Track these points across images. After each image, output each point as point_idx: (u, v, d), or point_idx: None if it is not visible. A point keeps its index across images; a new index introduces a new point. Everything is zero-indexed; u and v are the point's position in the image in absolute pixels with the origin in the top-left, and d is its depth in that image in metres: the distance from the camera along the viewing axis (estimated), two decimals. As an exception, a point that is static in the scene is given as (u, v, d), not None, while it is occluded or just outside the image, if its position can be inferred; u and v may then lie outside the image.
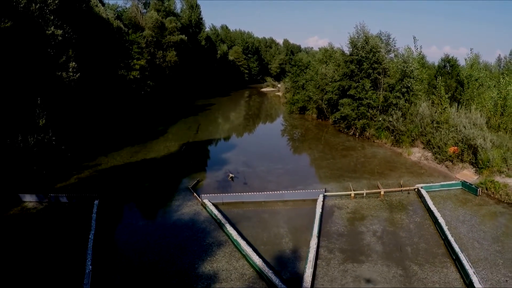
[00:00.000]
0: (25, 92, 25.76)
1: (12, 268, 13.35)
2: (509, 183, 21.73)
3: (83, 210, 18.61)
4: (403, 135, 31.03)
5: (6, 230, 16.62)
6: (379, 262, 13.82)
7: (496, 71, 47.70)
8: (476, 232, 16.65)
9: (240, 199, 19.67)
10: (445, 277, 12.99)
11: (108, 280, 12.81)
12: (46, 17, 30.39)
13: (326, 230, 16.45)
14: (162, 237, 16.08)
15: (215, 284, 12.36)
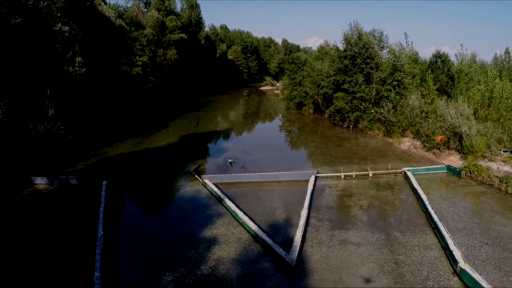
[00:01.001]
0: (35, 84, 27.24)
1: (30, 236, 14.79)
2: (491, 166, 23.19)
3: (92, 190, 20.04)
4: (394, 126, 32.51)
5: (22, 206, 18.05)
6: (364, 229, 15.29)
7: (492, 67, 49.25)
8: (457, 207, 18.10)
9: (238, 179, 21.21)
10: (423, 241, 14.40)
11: (117, 243, 14.27)
12: (53, 14, 31.88)
13: (317, 204, 17.93)
14: (166, 211, 17.61)
15: (215, 245, 13.81)
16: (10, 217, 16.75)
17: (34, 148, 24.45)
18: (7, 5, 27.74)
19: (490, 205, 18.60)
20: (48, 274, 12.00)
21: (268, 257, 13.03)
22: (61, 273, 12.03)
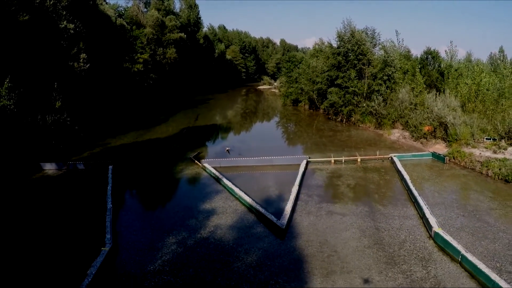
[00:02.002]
0: (43, 77, 28.69)
1: (47, 211, 16.25)
2: (474, 152, 24.68)
3: (99, 174, 21.48)
4: (385, 118, 34.04)
5: (35, 188, 19.51)
6: (349, 203, 16.78)
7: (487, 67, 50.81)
8: (438, 186, 19.57)
9: (235, 163, 22.76)
10: (404, 213, 15.86)
11: (125, 215, 15.74)
12: (59, 12, 33.39)
13: (307, 183, 19.43)
14: (169, 189, 19.11)
15: (213, 215, 15.30)
16: (26, 196, 18.18)
17: (43, 137, 25.86)
18: (15, 3, 29.22)
19: (470, 185, 20.06)
20: (67, 238, 13.46)
21: (261, 224, 14.50)
22: (77, 237, 13.49)
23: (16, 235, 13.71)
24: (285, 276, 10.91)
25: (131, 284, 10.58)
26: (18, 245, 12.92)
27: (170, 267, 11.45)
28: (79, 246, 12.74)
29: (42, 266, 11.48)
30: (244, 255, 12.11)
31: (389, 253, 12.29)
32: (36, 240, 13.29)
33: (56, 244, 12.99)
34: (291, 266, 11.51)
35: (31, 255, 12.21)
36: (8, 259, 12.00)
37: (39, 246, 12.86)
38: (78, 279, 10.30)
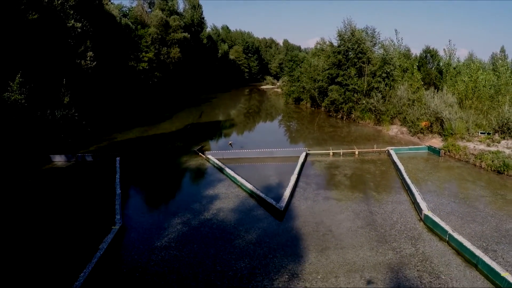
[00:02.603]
0: (52, 73, 29.74)
1: (58, 197, 17.23)
2: (468, 145, 25.45)
3: (107, 165, 22.45)
4: (383, 115, 34.85)
5: (45, 177, 20.50)
6: (345, 190, 17.65)
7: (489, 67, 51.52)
8: (431, 176, 20.39)
9: (237, 155, 23.73)
10: (397, 199, 16.69)
11: (133, 200, 16.69)
12: (66, 11, 34.44)
13: (306, 173, 20.32)
14: (174, 178, 20.06)
15: (216, 200, 16.23)
16: (38, 184, 19.18)
17: (52, 131, 26.87)
18: (24, 2, 30.29)
19: (463, 175, 20.86)
20: (80, 219, 14.42)
21: (261, 208, 15.41)
22: (89, 219, 14.45)
23: (30, 218, 14.64)
24: (282, 251, 11.78)
25: (139, 257, 11.46)
26: (34, 225, 13.86)
27: (176, 243, 12.35)
28: (91, 226, 13.67)
29: (58, 243, 12.41)
30: (244, 233, 13.00)
31: (381, 233, 13.14)
32: (50, 222, 14.22)
33: (70, 224, 13.92)
34: (288, 243, 12.38)
35: (47, 233, 13.15)
36: (28, 236, 12.94)
37: (53, 226, 13.79)
38: (91, 252, 11.19)
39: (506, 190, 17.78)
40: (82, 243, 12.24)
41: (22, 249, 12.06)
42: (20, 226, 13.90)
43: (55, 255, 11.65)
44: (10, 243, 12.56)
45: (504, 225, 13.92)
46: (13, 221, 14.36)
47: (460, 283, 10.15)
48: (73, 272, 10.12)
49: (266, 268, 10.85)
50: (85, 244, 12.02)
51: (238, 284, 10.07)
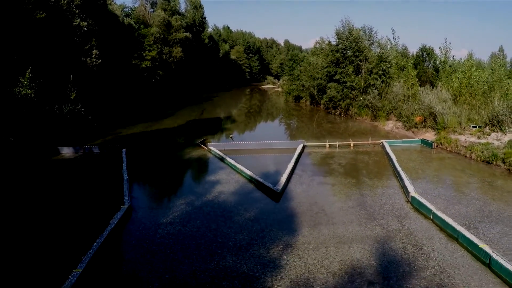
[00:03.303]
0: (59, 70, 30.88)
1: (69, 184, 18.34)
2: (460, 138, 26.48)
3: (114, 156, 23.55)
4: (380, 111, 35.90)
5: (54, 167, 21.63)
6: (339, 176, 18.71)
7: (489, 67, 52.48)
8: (422, 165, 21.41)
9: (238, 147, 24.92)
10: (387, 184, 17.74)
11: (139, 185, 17.79)
12: (72, 11, 35.60)
13: (302, 162, 21.41)
14: (178, 167, 21.20)
15: (218, 184, 17.33)
16: (49, 173, 20.30)
17: (60, 125, 27.99)
18: (32, 2, 31.45)
19: (453, 165, 21.88)
20: (91, 201, 15.53)
21: (259, 191, 16.50)
22: (99, 200, 15.56)
23: (44, 201, 15.75)
24: (278, 226, 12.85)
25: (146, 231, 12.55)
26: (49, 207, 14.97)
27: (180, 220, 13.44)
28: (102, 206, 14.76)
29: (72, 220, 13.52)
30: (243, 212, 14.08)
31: (370, 212, 14.20)
32: (64, 204, 15.32)
33: (82, 205, 15.03)
34: (283, 220, 13.46)
35: (62, 213, 14.26)
36: (45, 214, 14.05)
37: (67, 207, 14.89)
38: (103, 227, 12.29)
39: (494, 178, 18.75)
40: (94, 220, 13.31)
41: (41, 225, 13.15)
42: (36, 207, 14.99)
43: (71, 229, 12.74)
44: (31, 219, 13.66)
45: (487, 207, 14.92)
46: (30, 203, 15.46)
47: (441, 254, 11.15)
48: (87, 243, 11.19)
49: (263, 239, 11.91)
50: (97, 221, 13.08)
51: (237, 252, 11.11)
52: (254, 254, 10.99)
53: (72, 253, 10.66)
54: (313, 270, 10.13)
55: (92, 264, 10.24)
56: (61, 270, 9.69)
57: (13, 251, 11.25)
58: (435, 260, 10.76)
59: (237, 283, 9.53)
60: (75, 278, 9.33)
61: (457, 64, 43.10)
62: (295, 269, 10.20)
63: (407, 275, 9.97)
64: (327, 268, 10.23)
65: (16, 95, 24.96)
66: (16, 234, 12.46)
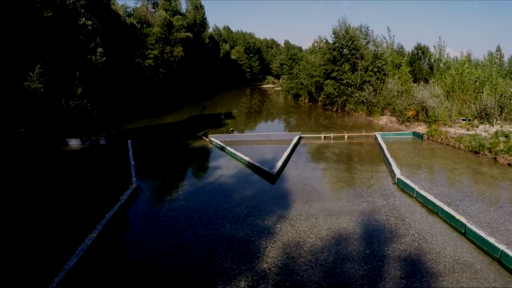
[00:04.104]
0: (66, 67, 32.17)
1: (78, 170, 19.60)
2: (449, 130, 27.70)
3: (120, 147, 24.80)
4: (375, 106, 37.15)
5: (63, 157, 22.90)
6: (332, 162, 19.95)
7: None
8: (411, 154, 22.59)
9: (237, 138, 26.34)
10: (376, 169, 18.91)
11: (144, 170, 19.05)
12: (78, 10, 36.90)
13: (298, 151, 22.65)
14: (181, 155, 22.45)
15: (218, 169, 18.59)
16: (59, 162, 21.57)
17: (67, 118, 29.27)
18: (40, 1, 32.77)
19: (441, 155, 23.06)
20: (101, 183, 16.78)
21: (256, 175, 17.73)
22: (109, 183, 16.81)
23: (59, 184, 17.01)
24: (273, 202, 14.09)
25: (153, 206, 13.81)
26: (64, 189, 16.23)
27: (184, 197, 14.70)
28: (112, 187, 16.02)
29: (85, 198, 14.78)
30: (241, 191, 15.33)
31: (358, 191, 15.43)
32: (76, 186, 16.59)
33: (94, 186, 16.29)
34: (278, 197, 14.70)
35: (76, 193, 15.52)
36: (60, 195, 15.32)
37: (80, 189, 16.16)
38: (114, 202, 13.54)
39: (479, 166, 19.90)
40: (106, 197, 14.55)
41: (58, 202, 14.42)
42: (51, 190, 16.25)
43: (86, 205, 14.00)
44: (48, 198, 14.93)
45: (469, 188, 16.14)
46: (46, 186, 16.72)
47: (421, 224, 12.35)
48: (101, 214, 12.44)
49: (259, 212, 13.16)
50: (108, 198, 14.32)
51: (235, 222, 12.36)
52: (251, 223, 12.23)
53: (88, 222, 11.89)
54: (303, 236, 11.35)
55: (105, 231, 11.49)
56: (78, 235, 10.94)
57: (38, 222, 12.51)
58: (415, 229, 11.97)
59: (235, 245, 10.76)
60: (90, 241, 10.56)
61: (451, 62, 44.43)
62: (287, 235, 11.43)
63: (388, 240, 11.18)
64: (316, 234, 11.46)
65: (26, 89, 26.22)
66: (40, 208, 13.72)
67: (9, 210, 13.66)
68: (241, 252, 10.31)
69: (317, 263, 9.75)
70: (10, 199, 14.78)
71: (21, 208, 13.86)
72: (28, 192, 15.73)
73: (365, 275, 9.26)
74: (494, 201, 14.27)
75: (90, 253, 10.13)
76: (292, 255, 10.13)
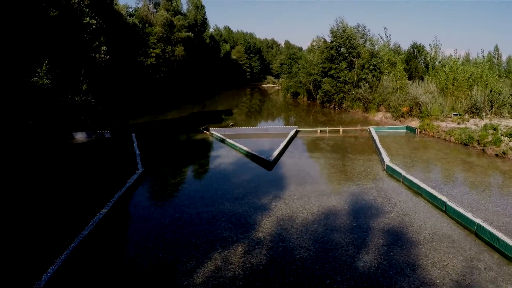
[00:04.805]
0: (72, 64, 33.33)
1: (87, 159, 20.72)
2: (441, 124, 28.77)
3: (125, 140, 25.93)
4: (371, 103, 38.26)
5: (71, 149, 24.03)
6: (326, 152, 21.04)
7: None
8: (403, 146, 23.66)
9: (237, 131, 27.35)
10: (368, 158, 19.94)
11: (149, 157, 20.18)
12: (82, 10, 38.08)
13: (294, 143, 23.75)
14: (183, 146, 23.62)
15: (218, 158, 19.74)
16: (67, 153, 22.71)
17: (73, 113, 30.41)
18: (46, 0, 33.93)
19: (432, 146, 24.10)
20: (109, 170, 17.91)
21: (254, 162, 18.84)
22: (117, 169, 17.94)
23: (71, 171, 18.14)
24: (269, 185, 15.19)
25: (158, 187, 14.93)
26: (74, 175, 17.35)
27: (186, 181, 15.87)
28: (119, 172, 17.14)
29: (95, 182, 15.90)
30: (240, 175, 16.45)
31: (349, 176, 16.53)
32: (86, 172, 17.72)
33: (102, 172, 17.41)
34: (274, 181, 15.80)
35: (86, 178, 16.65)
36: (70, 180, 16.44)
37: (89, 174, 17.29)
38: (123, 184, 14.65)
39: (467, 156, 20.87)
40: (114, 181, 15.67)
41: (70, 186, 15.55)
42: (64, 176, 17.38)
43: (96, 187, 15.13)
44: (61, 183, 16.06)
45: (454, 174, 17.22)
46: (58, 173, 17.86)
47: (406, 203, 13.39)
48: (111, 193, 13.57)
49: (256, 193, 14.25)
50: (116, 181, 15.43)
51: (234, 201, 13.47)
52: (248, 202, 13.34)
53: (99, 201, 13.00)
54: (296, 212, 12.45)
55: (114, 208, 12.60)
56: (90, 211, 12.05)
57: (55, 201, 13.64)
58: (400, 207, 13.04)
59: (234, 219, 11.86)
60: (101, 216, 11.67)
61: (446, 60, 45.53)
62: (281, 211, 12.53)
63: (374, 216, 12.27)
64: (307, 210, 12.56)
65: (34, 85, 27.36)
66: (55, 191, 14.84)
67: (29, 192, 14.78)
68: (238, 224, 11.40)
69: (307, 233, 10.83)
70: (28, 184, 15.90)
71: (40, 190, 14.98)
72: (43, 178, 16.83)
73: (351, 242, 10.34)
74: (477, 186, 15.32)
75: (102, 225, 11.24)
76: (285, 227, 11.22)
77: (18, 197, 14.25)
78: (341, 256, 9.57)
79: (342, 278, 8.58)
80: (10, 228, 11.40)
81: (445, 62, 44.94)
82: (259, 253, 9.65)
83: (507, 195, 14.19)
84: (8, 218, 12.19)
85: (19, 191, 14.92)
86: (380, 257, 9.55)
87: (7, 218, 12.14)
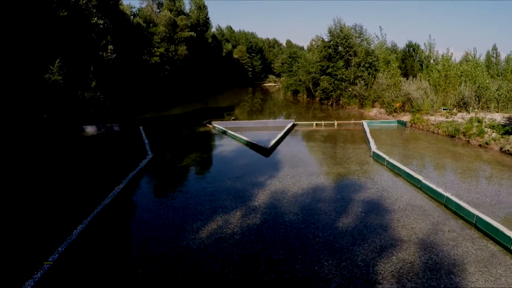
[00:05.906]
0: (81, 62, 35.20)
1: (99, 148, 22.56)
2: (431, 118, 30.47)
3: (133, 132, 27.74)
4: (366, 99, 39.99)
5: (82, 140, 25.88)
6: (319, 142, 22.83)
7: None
8: (392, 138, 25.32)
9: (238, 125, 29.18)
10: (357, 147, 21.63)
11: (157, 146, 21.99)
12: (90, 10, 39.94)
13: (291, 134, 25.53)
14: (188, 137, 25.42)
15: (220, 146, 21.63)
16: (80, 144, 24.56)
17: (83, 108, 32.27)
18: (55, 1, 35.79)
19: (420, 138, 25.74)
20: (122, 156, 19.74)
21: (253, 150, 20.64)
22: (128, 155, 19.77)
23: (86, 159, 19.96)
24: (266, 168, 16.96)
25: (166, 170, 16.74)
26: (92, 161, 19.18)
27: (192, 164, 17.69)
28: (131, 158, 18.95)
29: (110, 166, 17.72)
30: (240, 160, 18.26)
31: (338, 161, 18.27)
32: (100, 159, 19.55)
33: (115, 158, 19.24)
34: (271, 164, 17.59)
35: (102, 164, 18.48)
36: (89, 166, 18.28)
37: (103, 161, 19.11)
38: (135, 166, 16.47)
39: (452, 146, 22.45)
40: (127, 165, 17.47)
41: (88, 170, 17.39)
42: (79, 163, 19.22)
43: (111, 169, 16.95)
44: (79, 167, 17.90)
45: (437, 161, 18.84)
46: (74, 161, 19.70)
47: (386, 182, 15.09)
48: (126, 173, 15.38)
49: (254, 173, 16.03)
50: (130, 163, 17.25)
51: (234, 179, 15.25)
52: (246, 180, 15.12)
53: (115, 179, 14.81)
54: (288, 187, 14.23)
55: (129, 185, 14.41)
56: (107, 187, 13.84)
57: (76, 180, 15.48)
58: (380, 185, 14.77)
59: (233, 192, 13.65)
60: (118, 191, 13.45)
61: (439, 59, 47.16)
62: (275, 186, 14.30)
63: (356, 191, 14.01)
64: (298, 186, 14.32)
65: (47, 81, 29.23)
66: (74, 174, 16.69)
67: (52, 174, 16.63)
68: (237, 197, 13.19)
69: (296, 202, 12.61)
70: (50, 169, 17.75)
71: (61, 172, 16.82)
72: (62, 164, 18.68)
73: (334, 209, 12.09)
74: (455, 170, 17.02)
75: (120, 197, 13.06)
76: (277, 198, 13.01)
77: (45, 180, 16.07)
78: (324, 219, 11.33)
79: (323, 234, 10.33)
80: (42, 198, 13.22)
81: (438, 60, 46.60)
82: (255, 216, 11.43)
83: (482, 177, 15.87)
84: (36, 195, 14.01)
85: (43, 175, 16.74)
86: (357, 221, 11.30)
87: (34, 197, 13.97)
